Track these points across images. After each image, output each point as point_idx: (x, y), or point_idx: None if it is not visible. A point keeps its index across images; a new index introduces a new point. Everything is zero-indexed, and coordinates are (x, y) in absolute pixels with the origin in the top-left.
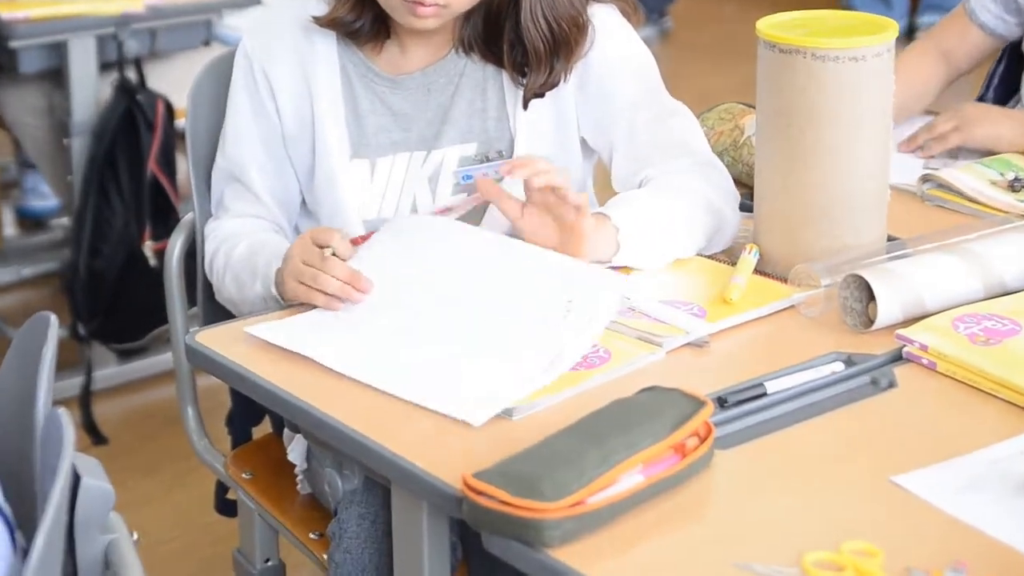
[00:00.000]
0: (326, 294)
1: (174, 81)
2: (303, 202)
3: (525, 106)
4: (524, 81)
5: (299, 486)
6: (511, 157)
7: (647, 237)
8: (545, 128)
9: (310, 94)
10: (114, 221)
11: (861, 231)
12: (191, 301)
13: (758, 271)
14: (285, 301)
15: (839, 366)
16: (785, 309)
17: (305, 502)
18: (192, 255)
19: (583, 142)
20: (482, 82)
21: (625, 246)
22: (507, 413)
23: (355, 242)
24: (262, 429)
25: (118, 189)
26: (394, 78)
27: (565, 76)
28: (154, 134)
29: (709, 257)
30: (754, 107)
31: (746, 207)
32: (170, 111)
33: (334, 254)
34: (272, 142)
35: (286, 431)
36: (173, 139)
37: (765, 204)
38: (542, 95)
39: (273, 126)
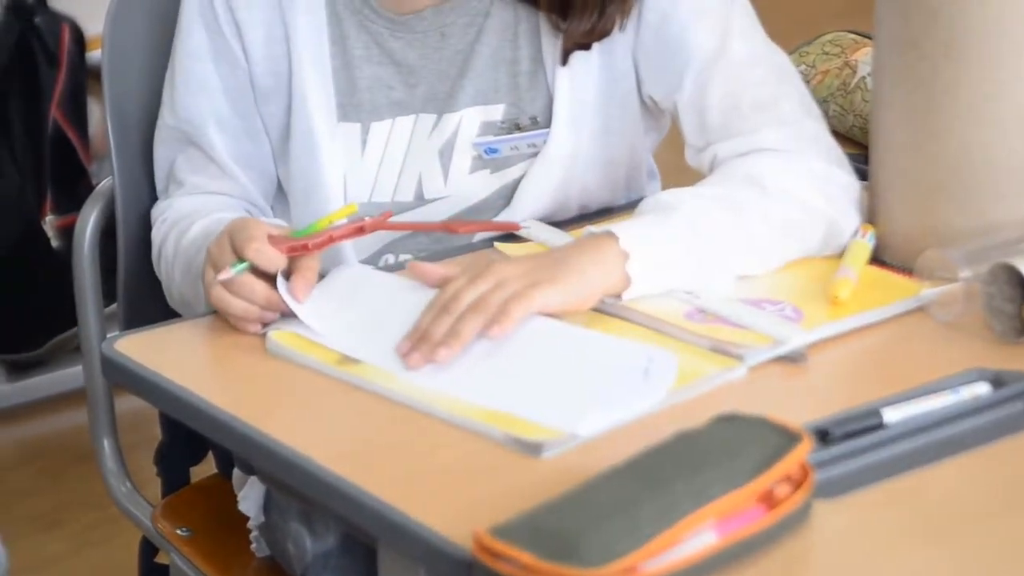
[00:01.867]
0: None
1: None
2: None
3: (564, 60)
4: (564, 26)
5: (254, 546)
6: (548, 126)
7: (674, 266)
8: (593, 87)
9: (286, 34)
10: (3, 186)
11: (1016, 204)
12: (109, 296)
13: (874, 260)
14: None
15: (984, 388)
16: (910, 311)
17: (262, 568)
18: (111, 234)
19: (652, 103)
20: (512, 25)
21: (640, 280)
22: (534, 449)
23: (298, 248)
24: (204, 469)
25: (8, 143)
26: (397, 17)
27: (620, 21)
28: (58, 71)
29: None
30: (870, 37)
31: (859, 172)
32: (79, 40)
33: (252, 269)
34: (240, 94)
35: (236, 473)
36: (84, 78)
37: (885, 169)
38: (587, 46)
39: (240, 73)
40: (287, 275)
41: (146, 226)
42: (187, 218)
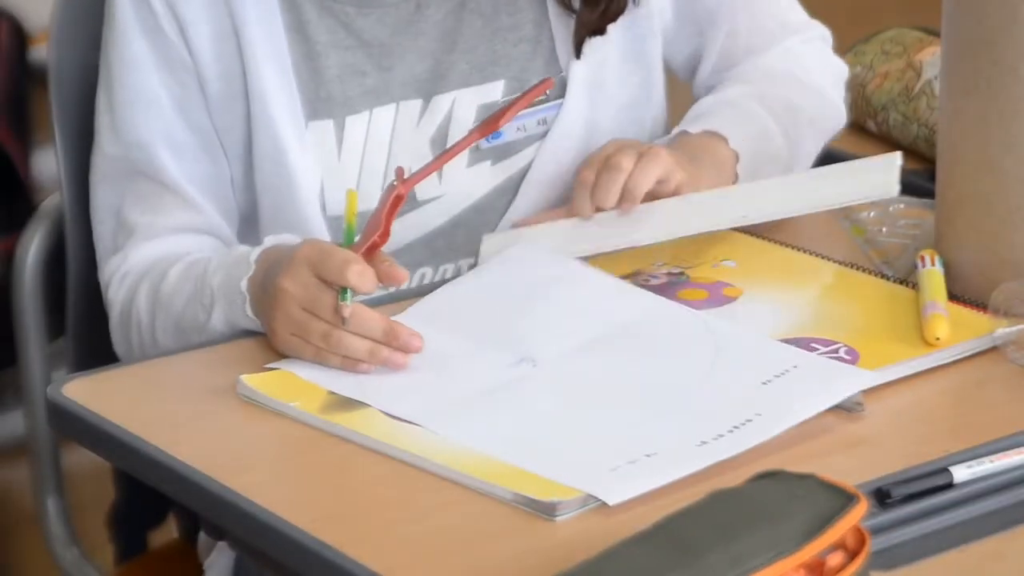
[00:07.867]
0: (346, 357)
1: None
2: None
3: (577, 53)
4: (574, 5)
5: None
6: (561, 100)
7: (765, 163)
8: (612, 50)
9: (234, 28)
10: None
11: None
12: (56, 330)
13: None
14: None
15: None
16: (983, 353)
17: None
18: (59, 259)
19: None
20: None
21: (743, 180)
22: (547, 511)
23: (372, 249)
24: (164, 534)
25: None
26: None
27: None
28: None
29: (861, 270)
30: (938, 34)
31: (923, 190)
32: (20, 36)
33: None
34: (192, 105)
35: (202, 537)
36: (24, 79)
37: (955, 188)
38: (602, 30)
39: (189, 79)
40: None
41: None
42: (157, 266)
